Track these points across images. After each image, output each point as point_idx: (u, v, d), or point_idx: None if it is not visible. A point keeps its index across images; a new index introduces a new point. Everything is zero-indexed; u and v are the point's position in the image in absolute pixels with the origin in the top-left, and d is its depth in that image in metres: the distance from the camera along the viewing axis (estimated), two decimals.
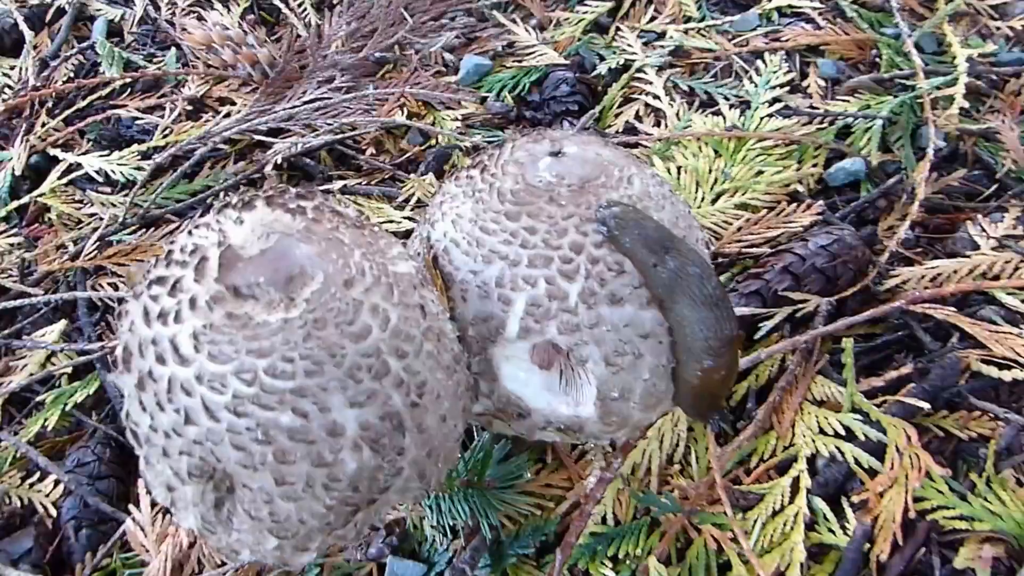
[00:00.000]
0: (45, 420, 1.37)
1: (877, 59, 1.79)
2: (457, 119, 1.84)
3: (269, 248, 0.81)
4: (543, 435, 0.98)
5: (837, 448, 1.12)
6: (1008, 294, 1.30)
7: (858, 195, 1.57)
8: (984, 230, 1.43)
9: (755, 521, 1.08)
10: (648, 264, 0.88)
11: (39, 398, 1.42)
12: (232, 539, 0.84)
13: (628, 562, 1.09)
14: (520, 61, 1.92)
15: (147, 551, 1.19)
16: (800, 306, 1.29)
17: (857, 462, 1.10)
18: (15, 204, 1.76)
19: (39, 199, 1.77)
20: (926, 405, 1.11)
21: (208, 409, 0.76)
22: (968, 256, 1.38)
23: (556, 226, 0.89)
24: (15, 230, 1.73)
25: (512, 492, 1.16)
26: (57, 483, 1.29)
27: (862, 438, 1.12)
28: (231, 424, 0.76)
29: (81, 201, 1.75)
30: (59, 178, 1.78)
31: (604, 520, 1.14)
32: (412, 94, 1.91)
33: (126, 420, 0.84)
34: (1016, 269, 1.34)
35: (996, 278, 1.33)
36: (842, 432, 1.14)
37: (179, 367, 0.77)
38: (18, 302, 1.50)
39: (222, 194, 1.71)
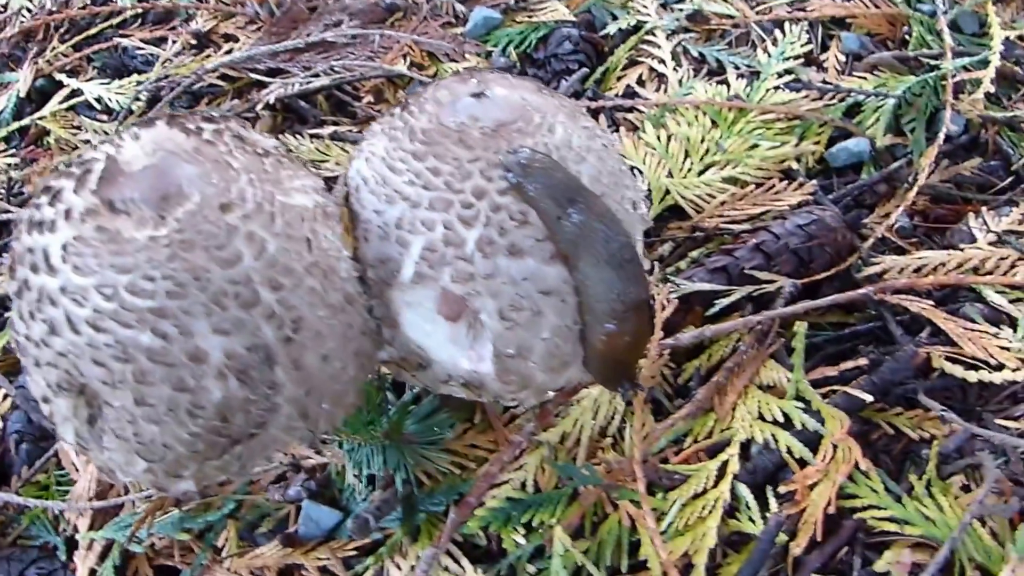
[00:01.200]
0: (8, 340, 1.41)
1: (908, 36, 1.66)
2: (459, 72, 1.79)
3: (152, 165, 0.79)
4: (448, 389, 0.95)
5: (773, 436, 1.05)
6: (997, 292, 1.20)
7: (859, 177, 1.47)
8: (986, 223, 1.32)
9: (674, 502, 1.03)
10: (552, 216, 0.83)
11: (7, 315, 1.46)
12: (105, 457, 0.84)
13: (540, 531, 1.06)
14: (531, 16, 1.86)
15: (76, 470, 1.21)
16: (763, 287, 1.21)
17: (790, 451, 1.03)
18: (17, 125, 1.80)
19: (39, 122, 1.80)
20: (869, 398, 1.04)
21: (70, 322, 0.76)
22: (961, 249, 1.27)
23: (461, 169, 0.85)
24: (13, 150, 1.77)
25: (434, 449, 1.13)
26: (7, 397, 1.32)
27: (799, 427, 1.05)
28: (91, 339, 0.75)
29: (79, 127, 1.78)
30: (60, 103, 1.82)
31: (524, 486, 1.10)
32: (418, 44, 1.87)
33: (11, 328, 0.84)
34: (1013, 267, 1.24)
35: (987, 274, 1.23)
36: (780, 419, 1.07)
37: (48, 277, 0.76)
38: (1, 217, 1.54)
39: None
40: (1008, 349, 1.11)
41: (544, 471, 1.11)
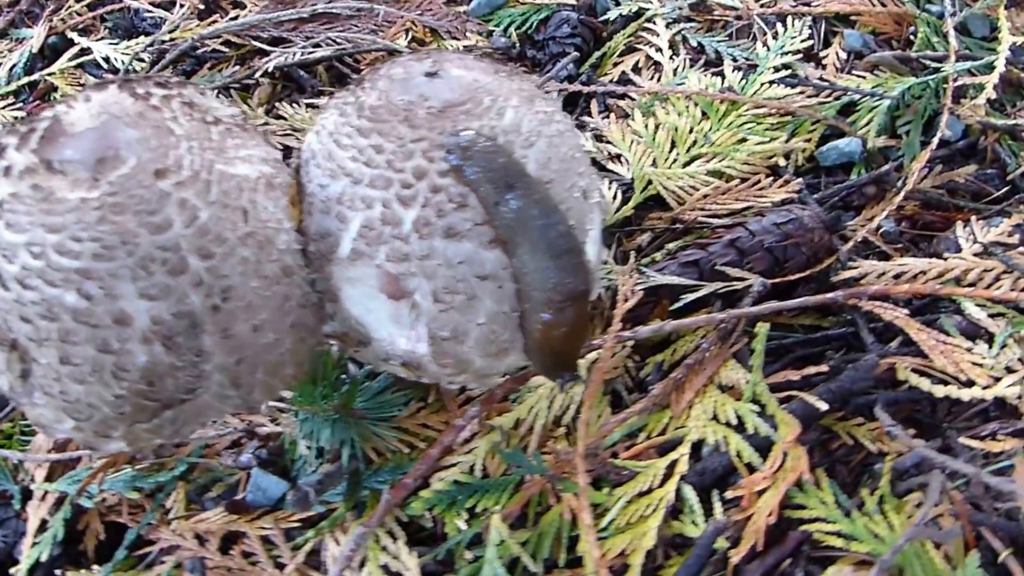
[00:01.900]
0: None
1: (913, 37, 1.60)
2: (458, 51, 1.77)
3: (94, 128, 0.79)
4: (389, 368, 0.94)
5: (724, 438, 1.03)
6: (977, 304, 1.16)
7: (848, 178, 1.42)
8: (973, 233, 1.27)
9: (618, 499, 1.01)
10: (490, 201, 0.81)
11: None
12: (37, 413, 0.84)
13: (483, 517, 1.04)
14: None
15: None
16: (733, 284, 1.18)
17: (739, 455, 1.01)
18: (27, 80, 1.82)
19: (48, 78, 1.82)
20: (824, 406, 1.00)
21: (1, 278, 0.75)
22: (944, 258, 1.23)
23: (404, 148, 0.83)
24: (21, 104, 1.78)
25: (384, 426, 1.12)
26: None
27: (751, 431, 1.02)
28: (19, 296, 0.75)
29: (84, 84, 1.79)
30: (70, 60, 1.83)
31: (472, 470, 1.09)
32: (420, 20, 1.84)
33: None
34: (997, 279, 1.19)
35: (969, 285, 1.18)
36: (734, 422, 1.04)
37: None
38: None
39: None
40: (980, 365, 1.07)
41: (494, 457, 1.10)
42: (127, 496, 1.14)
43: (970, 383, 1.05)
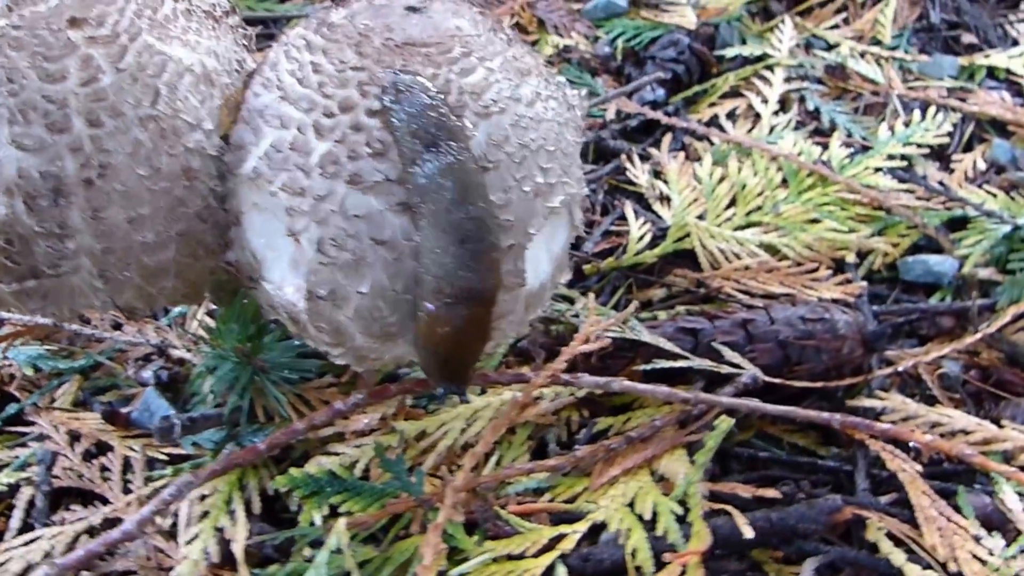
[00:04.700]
0: None
1: None
2: (556, 47, 1.71)
3: None
4: (275, 316, 0.87)
5: (628, 530, 0.89)
6: (1017, 491, 0.95)
7: (925, 301, 1.23)
8: None
9: (482, 553, 0.90)
10: (408, 157, 0.73)
11: None
12: None
13: (338, 518, 0.96)
14: (656, 15, 1.74)
15: None
16: (723, 367, 1.03)
17: (634, 554, 0.87)
18: None
19: None
20: (750, 533, 0.85)
21: None
22: (1002, 426, 1.03)
23: (342, 74, 0.77)
24: None
25: (285, 388, 1.06)
26: None
27: (660, 532, 0.88)
28: None
29: None
30: None
31: (353, 467, 1.00)
32: (530, 7, 1.80)
33: None
34: None
35: (1020, 467, 0.98)
36: (648, 516, 0.90)
37: None
38: None
39: None
40: (983, 562, 0.88)
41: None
42: (24, 371, 1.14)
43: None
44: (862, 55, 1.62)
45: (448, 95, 0.76)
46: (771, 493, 0.90)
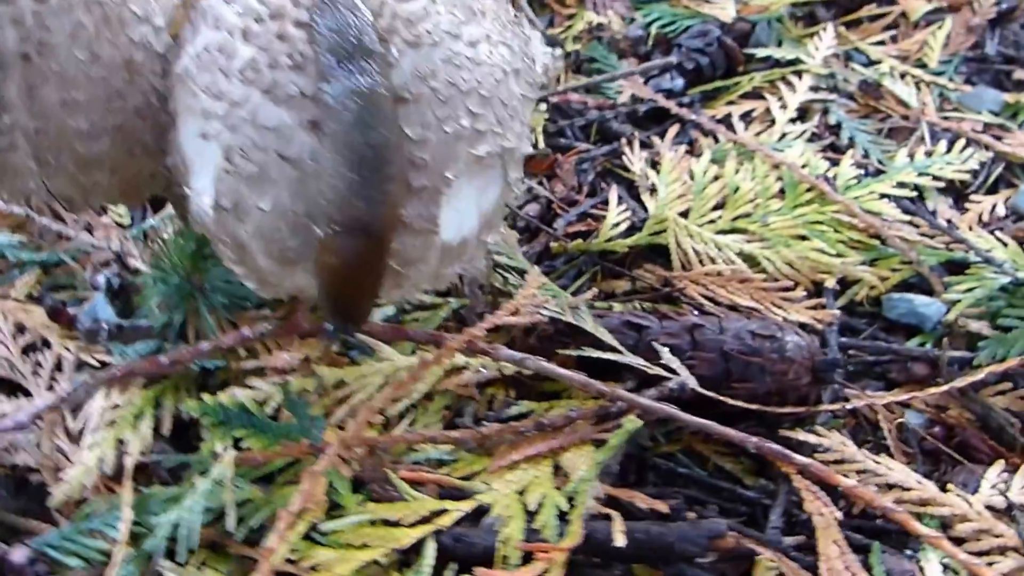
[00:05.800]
0: None
1: None
2: (589, 23, 1.67)
3: None
4: (201, 230, 0.86)
5: (507, 516, 0.86)
6: (941, 562, 0.89)
7: (901, 343, 1.16)
8: (1008, 483, 0.99)
9: (359, 514, 0.87)
10: (322, 73, 0.71)
11: None
12: None
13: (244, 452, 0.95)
14: (697, 4, 1.67)
15: None
16: (656, 370, 0.99)
17: (505, 542, 0.83)
18: None
19: None
20: (621, 542, 0.81)
21: None
22: (946, 490, 0.96)
23: None
24: None
25: (219, 314, 1.05)
26: None
27: (538, 526, 0.84)
28: None
29: None
30: None
31: (264, 403, 0.99)
32: None
33: None
34: (1002, 553, 0.91)
35: (958, 540, 0.91)
36: (533, 508, 0.87)
37: None
38: None
39: None
40: None
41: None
42: None
43: None
44: (902, 76, 1.54)
45: (380, 18, 0.74)
46: (662, 507, 0.86)
